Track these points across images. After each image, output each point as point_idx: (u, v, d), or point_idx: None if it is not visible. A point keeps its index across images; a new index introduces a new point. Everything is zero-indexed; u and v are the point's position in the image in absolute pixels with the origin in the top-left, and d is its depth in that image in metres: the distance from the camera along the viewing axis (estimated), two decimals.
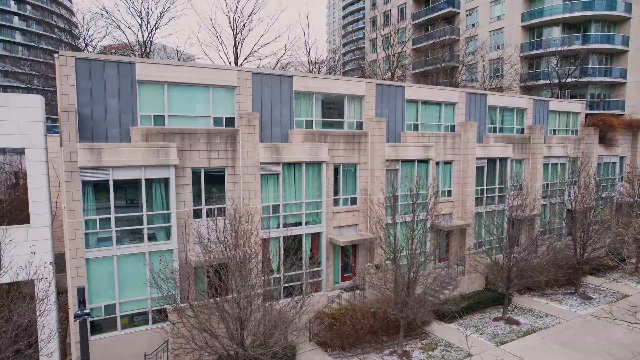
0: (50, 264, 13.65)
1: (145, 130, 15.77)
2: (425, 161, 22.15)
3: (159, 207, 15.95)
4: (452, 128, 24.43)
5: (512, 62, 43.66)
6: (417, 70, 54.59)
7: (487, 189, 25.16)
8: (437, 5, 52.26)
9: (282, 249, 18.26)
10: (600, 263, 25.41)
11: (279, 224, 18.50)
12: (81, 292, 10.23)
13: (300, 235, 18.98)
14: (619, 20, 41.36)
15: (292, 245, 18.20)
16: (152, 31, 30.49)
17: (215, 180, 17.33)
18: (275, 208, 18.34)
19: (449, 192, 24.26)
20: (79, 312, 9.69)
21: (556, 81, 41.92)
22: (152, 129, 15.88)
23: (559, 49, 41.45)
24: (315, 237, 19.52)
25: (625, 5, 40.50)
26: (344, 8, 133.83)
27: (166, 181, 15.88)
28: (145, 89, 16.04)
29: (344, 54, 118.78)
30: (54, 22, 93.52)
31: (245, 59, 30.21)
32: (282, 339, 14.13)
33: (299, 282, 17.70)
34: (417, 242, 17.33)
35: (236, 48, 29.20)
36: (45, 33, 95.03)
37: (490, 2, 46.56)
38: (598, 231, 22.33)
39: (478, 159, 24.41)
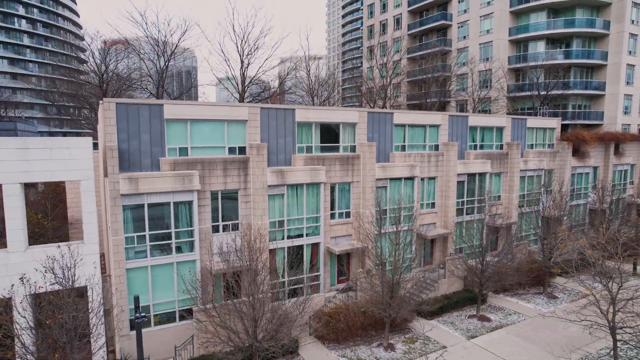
0: (108, 276, 16.86)
1: (173, 160, 18.88)
2: (411, 178, 25.29)
3: (184, 224, 19.10)
4: (436, 147, 27.52)
5: (499, 76, 46.59)
6: (411, 79, 57.52)
7: (467, 200, 28.33)
8: (431, 17, 55.06)
9: (286, 257, 21.45)
10: (566, 266, 28.67)
11: (284, 236, 21.69)
12: (137, 299, 13.38)
13: (302, 245, 22.19)
14: (599, 36, 44.23)
15: (295, 253, 21.46)
16: (168, 60, 33.42)
17: (230, 200, 20.48)
18: (281, 223, 21.51)
19: (433, 204, 27.43)
20: (138, 315, 12.83)
21: (540, 93, 44.88)
22: (178, 160, 18.99)
23: (543, 62, 44.42)
24: (315, 247, 22.72)
25: (603, 23, 43.35)
26: (343, 25, 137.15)
27: (190, 203, 19.01)
28: (171, 125, 19.12)
29: (343, 66, 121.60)
30: (60, 25, 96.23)
31: (251, 80, 33.18)
32: (287, 334, 17.37)
33: (301, 285, 21.01)
34: (401, 251, 20.52)
35: (243, 72, 32.11)
36: (52, 35, 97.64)
37: (480, 17, 49.37)
38: (558, 239, 25.46)
39: (459, 174, 27.54)
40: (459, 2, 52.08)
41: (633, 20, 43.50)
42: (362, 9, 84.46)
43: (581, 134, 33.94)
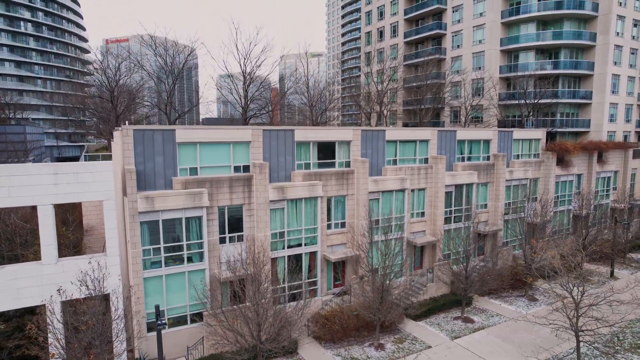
0: (131, 287, 19.06)
1: (184, 180, 20.94)
2: (401, 190, 27.34)
3: (194, 237, 21.19)
4: (426, 160, 29.55)
5: (489, 86, 48.50)
6: (407, 85, 59.44)
7: (454, 209, 30.38)
8: (426, 26, 56.86)
9: (287, 265, 23.57)
10: (544, 271, 30.86)
11: (284, 246, 23.80)
12: (157, 308, 15.47)
13: (301, 254, 24.30)
14: (586, 47, 46.09)
15: (295, 261, 23.59)
16: (175, 79, 35.37)
17: (235, 214, 22.55)
18: (282, 234, 23.61)
19: (422, 213, 29.50)
20: (159, 322, 14.92)
21: (529, 102, 46.80)
22: (189, 179, 21.05)
23: (533, 72, 46.34)
24: (313, 255, 24.83)
25: (590, 35, 45.22)
26: (342, 25, 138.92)
27: (200, 218, 21.10)
28: (183, 148, 21.17)
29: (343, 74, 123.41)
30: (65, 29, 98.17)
31: (253, 95, 35.14)
32: (288, 337, 19.51)
33: (300, 291, 23.18)
34: (390, 260, 22.59)
35: (246, 88, 33.96)
36: (56, 38, 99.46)
37: (473, 27, 51.19)
38: (533, 249, 27.55)
39: (447, 185, 29.56)
40: (453, 12, 53.89)
41: (618, 32, 45.35)
42: (361, 9, 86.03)
43: (565, 145, 35.92)
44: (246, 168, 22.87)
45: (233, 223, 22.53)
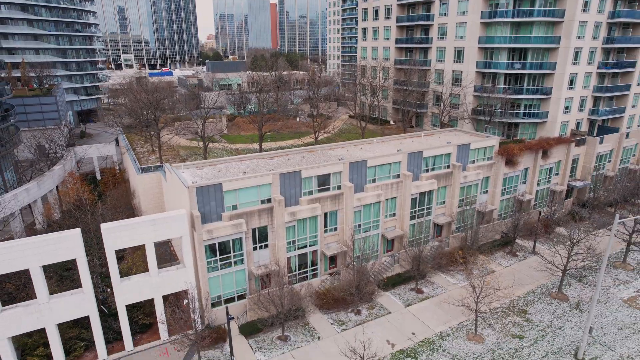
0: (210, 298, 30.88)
1: (229, 214, 31.69)
2: (378, 202, 38.05)
3: (237, 250, 32.50)
4: (398, 175, 39.76)
5: (468, 80, 56.26)
6: (399, 66, 66.57)
7: (418, 209, 41.30)
8: (416, 15, 62.53)
9: (297, 260, 35.24)
10: (485, 248, 42.74)
11: (295, 248, 35.27)
12: (227, 309, 27.31)
13: (306, 252, 35.88)
14: (550, 49, 53.11)
15: (302, 257, 35.27)
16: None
17: (262, 231, 33.62)
18: (293, 241, 34.93)
19: (394, 214, 40.48)
20: (229, 317, 26.83)
21: (499, 95, 55.10)
22: (232, 213, 31.78)
23: (504, 71, 53.99)
24: (315, 252, 36.41)
25: (553, 39, 52.05)
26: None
27: (241, 238, 32.24)
28: (227, 194, 31.56)
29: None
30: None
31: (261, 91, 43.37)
32: (298, 305, 31.71)
33: (306, 274, 35.07)
34: (366, 250, 34.12)
35: None
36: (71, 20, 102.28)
37: (456, 24, 57.37)
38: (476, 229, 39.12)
39: (413, 194, 40.12)
40: (441, 4, 59.43)
41: (579, 36, 52.13)
42: None
43: (512, 149, 45.47)
44: (269, 200, 33.44)
45: (261, 237, 33.72)
